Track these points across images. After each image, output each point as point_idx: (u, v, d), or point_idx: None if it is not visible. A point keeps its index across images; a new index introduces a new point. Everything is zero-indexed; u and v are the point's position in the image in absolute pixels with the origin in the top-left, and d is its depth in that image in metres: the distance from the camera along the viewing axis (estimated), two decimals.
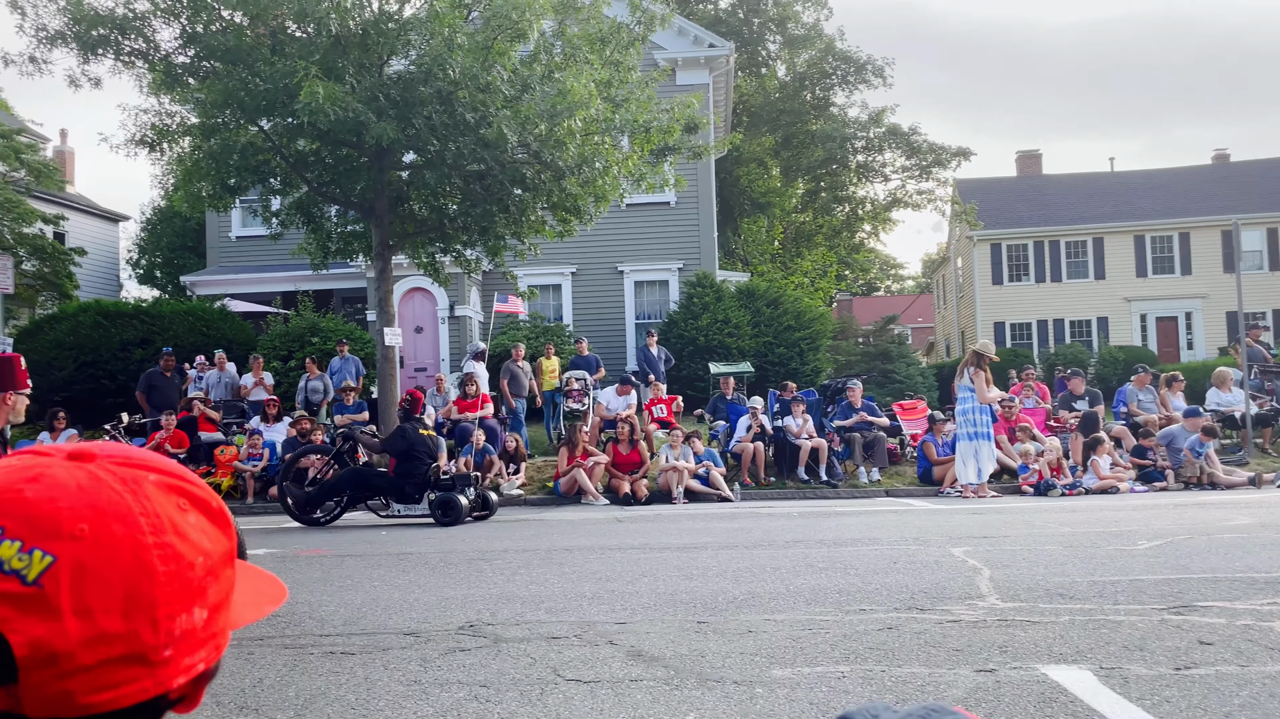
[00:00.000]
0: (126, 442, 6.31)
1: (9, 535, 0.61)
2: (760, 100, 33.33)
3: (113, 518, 0.63)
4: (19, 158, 21.97)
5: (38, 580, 0.60)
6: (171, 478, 0.69)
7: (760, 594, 6.07)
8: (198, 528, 0.68)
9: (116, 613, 0.61)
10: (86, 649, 0.60)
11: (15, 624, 0.59)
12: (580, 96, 11.89)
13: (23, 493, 0.63)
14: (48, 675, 0.59)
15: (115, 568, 0.62)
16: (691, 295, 20.47)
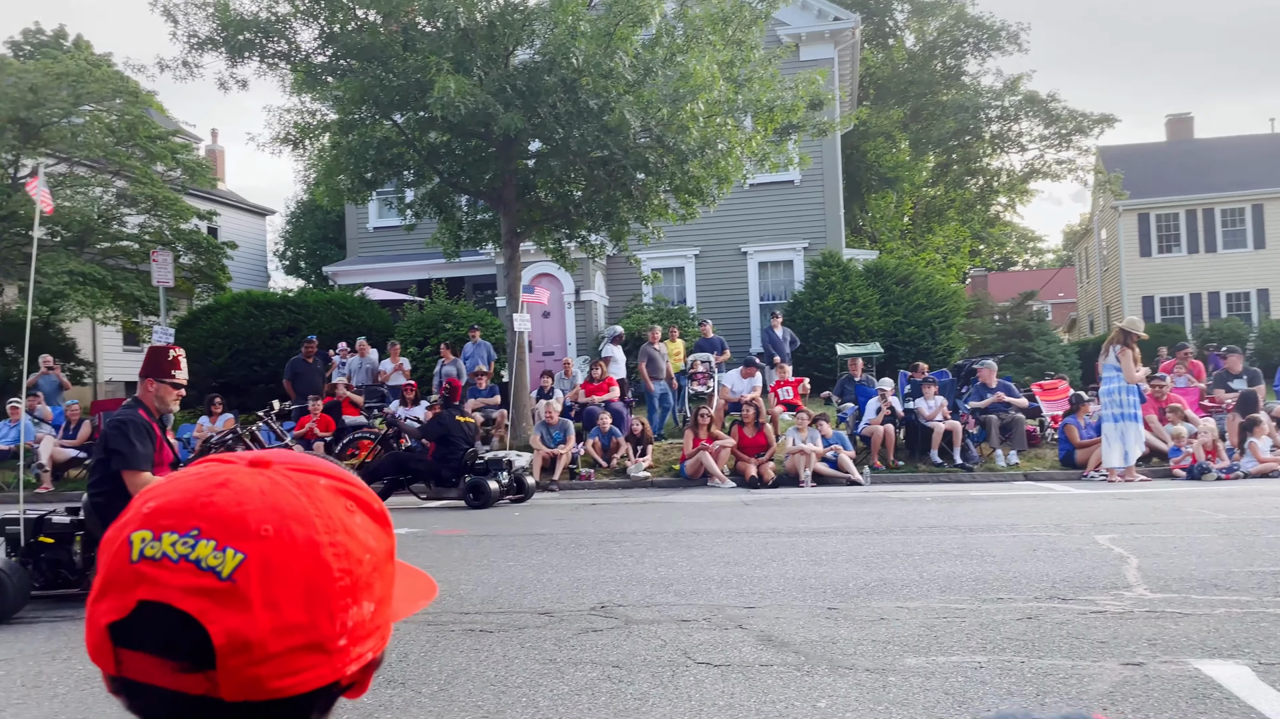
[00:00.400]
0: (279, 426, 6.71)
1: (204, 536, 0.67)
2: (888, 72, 32.44)
3: (292, 519, 0.69)
4: (175, 158, 23.36)
5: (231, 576, 0.66)
6: (339, 482, 0.75)
7: (892, 581, 5.97)
8: (363, 528, 0.74)
9: (299, 605, 0.67)
10: (274, 638, 0.66)
11: (213, 615, 0.65)
12: (703, 79, 11.84)
13: (214, 498, 0.69)
14: (241, 662, 0.65)
15: (296, 564, 0.68)
16: (817, 275, 20.16)
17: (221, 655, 0.65)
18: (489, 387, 15.50)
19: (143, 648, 0.67)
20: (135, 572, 0.67)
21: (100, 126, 21.63)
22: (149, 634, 0.67)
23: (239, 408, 16.82)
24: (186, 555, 0.66)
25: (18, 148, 21.08)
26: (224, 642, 0.65)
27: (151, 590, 0.66)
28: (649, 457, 13.24)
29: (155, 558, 0.67)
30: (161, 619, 0.66)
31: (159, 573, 0.66)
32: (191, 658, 0.66)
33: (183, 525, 0.68)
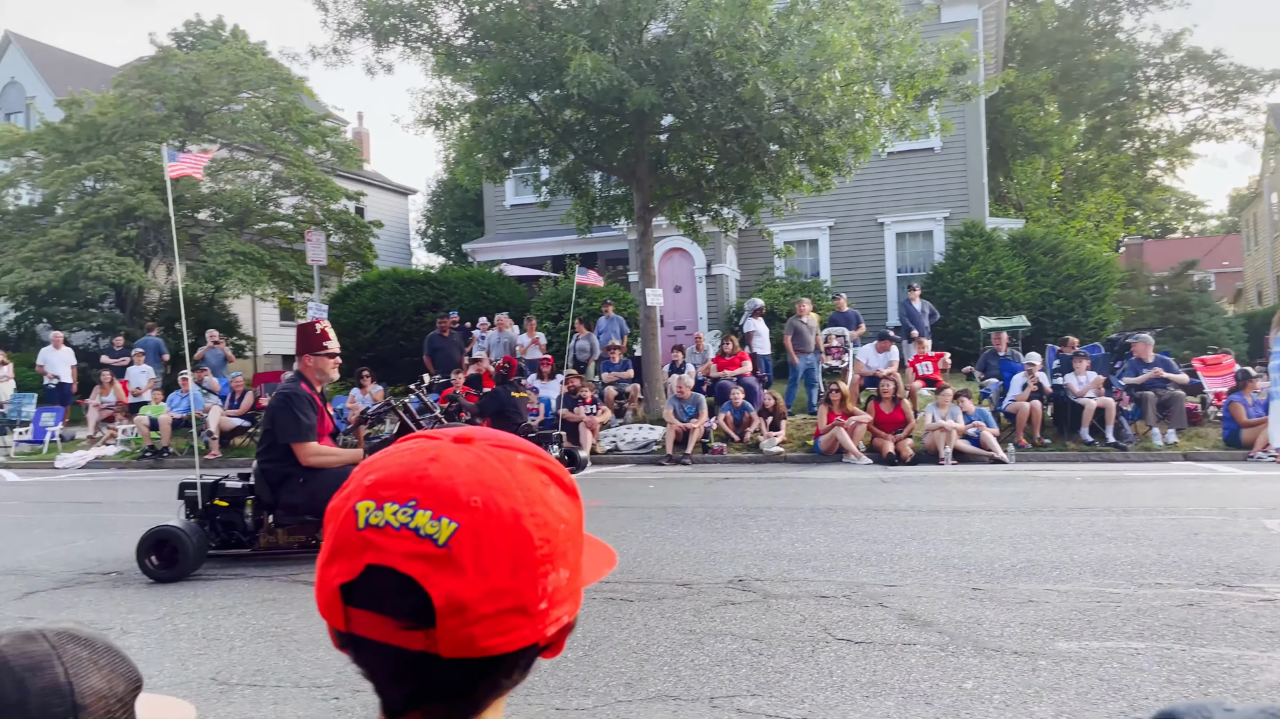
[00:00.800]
0: (428, 398, 6.98)
1: (421, 506, 0.73)
2: (1036, 31, 30.88)
3: (497, 491, 0.75)
4: (325, 141, 24.46)
5: (446, 543, 0.72)
6: (535, 458, 0.81)
7: (1040, 562, 5.78)
8: (557, 500, 0.79)
9: (506, 571, 0.73)
10: (486, 600, 0.72)
11: (432, 579, 0.71)
12: (840, 47, 11.54)
13: (428, 471, 0.75)
14: (457, 622, 0.72)
15: (503, 533, 0.73)
16: (959, 245, 19.46)
17: (440, 615, 0.71)
18: (622, 361, 15.68)
19: (369, 607, 0.73)
20: (362, 538, 0.74)
21: (257, 113, 22.84)
22: (375, 595, 0.73)
23: (386, 380, 17.57)
24: (406, 524, 0.72)
25: (184, 134, 22.48)
26: (442, 603, 0.71)
27: (377, 555, 0.72)
28: (782, 432, 13.14)
29: (379, 526, 0.73)
30: (386, 581, 0.72)
31: (383, 539, 0.73)
32: (413, 617, 0.72)
33: (402, 496, 0.74)
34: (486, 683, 0.76)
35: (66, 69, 30.23)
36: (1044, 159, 29.08)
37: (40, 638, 0.89)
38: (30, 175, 22.24)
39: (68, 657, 0.88)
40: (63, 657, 0.88)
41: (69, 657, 0.88)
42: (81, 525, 8.42)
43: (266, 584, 5.87)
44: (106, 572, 6.38)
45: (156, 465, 14.23)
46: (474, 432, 0.81)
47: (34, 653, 0.87)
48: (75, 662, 0.88)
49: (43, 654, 0.87)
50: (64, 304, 21.58)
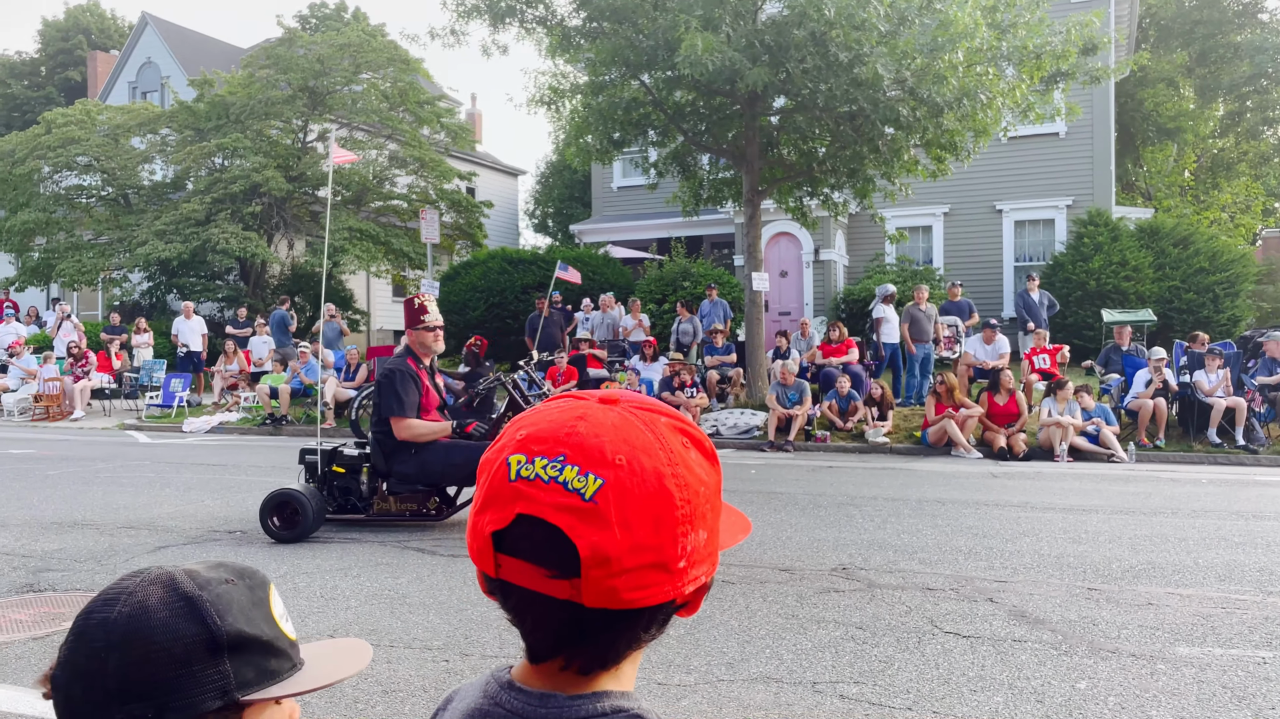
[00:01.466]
0: (537, 375, 7.08)
1: (569, 461, 0.76)
2: (1172, 11, 29.32)
3: (641, 451, 0.77)
4: (440, 122, 24.99)
5: (593, 498, 0.75)
6: (677, 421, 0.83)
7: (1161, 565, 5.53)
8: (697, 463, 0.81)
9: (648, 527, 0.76)
10: (629, 555, 0.75)
11: (579, 531, 0.75)
12: (964, 26, 11.16)
13: (576, 428, 0.79)
14: (601, 574, 0.75)
15: (645, 491, 0.76)
16: (1082, 234, 18.68)
17: (585, 566, 0.74)
18: (725, 345, 15.62)
19: (518, 554, 0.77)
20: (514, 489, 0.77)
21: (376, 93, 23.47)
22: (524, 543, 0.77)
23: (493, 358, 17.91)
24: (555, 477, 0.76)
25: (306, 114, 23.29)
26: (588, 554, 0.74)
27: (528, 506, 0.76)
28: (889, 422, 12.88)
29: (530, 478, 0.77)
30: (535, 531, 0.76)
31: (533, 491, 0.76)
32: (559, 566, 0.75)
33: (551, 451, 0.77)
34: (627, 634, 0.79)
35: (198, 50, 31.65)
36: (1176, 145, 27.65)
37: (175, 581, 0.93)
38: (164, 152, 23.41)
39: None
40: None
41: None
42: (208, 486, 8.87)
43: (380, 549, 6.08)
44: (231, 530, 6.70)
45: (275, 432, 14.86)
46: (619, 393, 0.83)
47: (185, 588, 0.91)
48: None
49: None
50: (192, 276, 22.67)
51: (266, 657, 0.93)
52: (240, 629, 0.90)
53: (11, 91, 33.50)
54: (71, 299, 27.03)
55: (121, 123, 23.23)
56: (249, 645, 0.91)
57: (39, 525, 6.80)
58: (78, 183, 23.66)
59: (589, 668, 0.80)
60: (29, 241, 22.94)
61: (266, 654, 0.93)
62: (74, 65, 34.85)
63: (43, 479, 9.21)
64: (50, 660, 0.89)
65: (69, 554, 5.88)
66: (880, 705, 3.41)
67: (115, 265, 22.00)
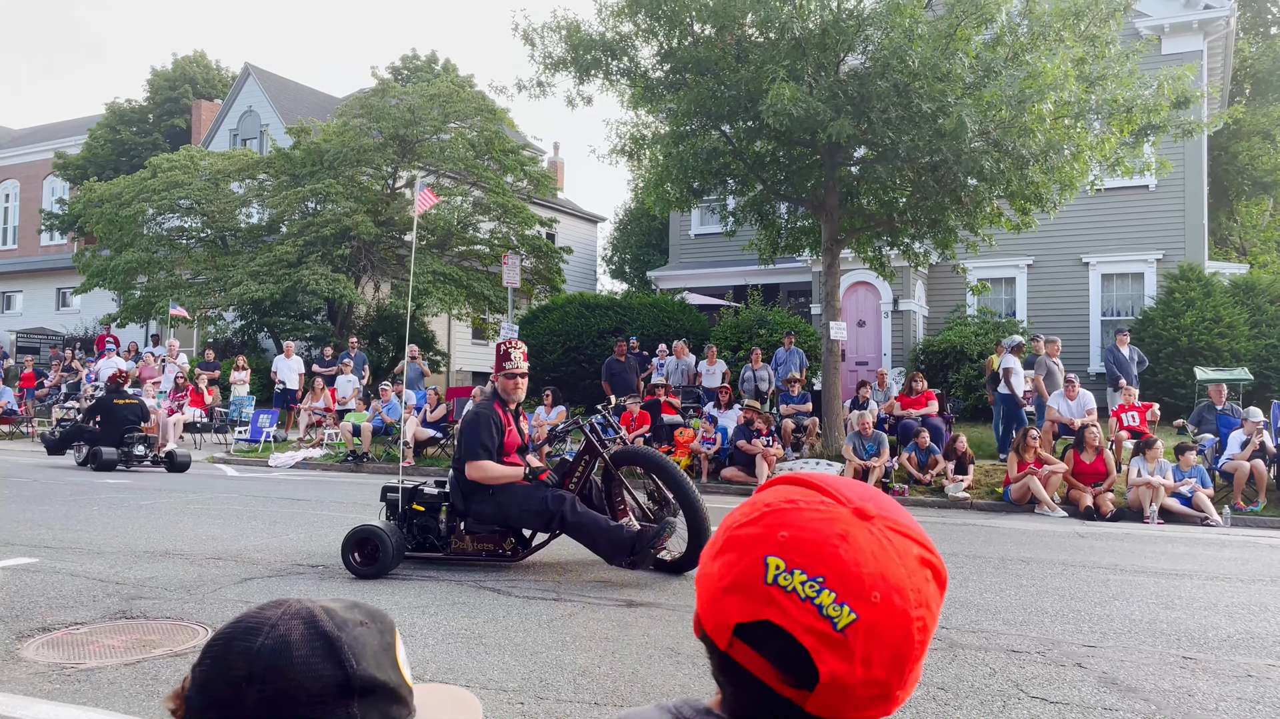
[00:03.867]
0: (614, 420, 7.08)
1: (827, 585, 0.81)
2: (1268, 64, 28.57)
3: (895, 591, 0.81)
4: (523, 170, 25.59)
5: (844, 630, 0.79)
6: (927, 552, 0.86)
7: (1261, 635, 5.28)
8: (933, 596, 0.85)
9: (885, 666, 0.80)
10: (863, 687, 0.80)
11: (824, 656, 0.79)
12: (1053, 78, 11.05)
13: (837, 550, 0.82)
14: (834, 698, 0.80)
15: (891, 633, 0.80)
16: (1172, 289, 18.15)
17: (822, 689, 0.79)
18: (801, 394, 15.50)
19: (756, 648, 0.82)
20: (768, 593, 0.82)
21: (463, 142, 24.16)
22: (767, 644, 0.82)
23: (568, 401, 18.07)
24: (812, 599, 0.80)
25: (396, 161, 24.07)
26: (828, 680, 0.79)
27: (780, 617, 0.81)
28: (969, 476, 12.59)
29: (786, 589, 0.81)
30: (781, 639, 0.81)
31: (788, 603, 0.81)
32: (795, 676, 0.81)
33: (812, 569, 0.81)
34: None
35: (296, 99, 33.01)
36: (1272, 200, 26.77)
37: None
38: (261, 196, 24.39)
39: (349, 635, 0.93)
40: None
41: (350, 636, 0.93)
42: (292, 520, 9.09)
43: (456, 588, 6.14)
44: (314, 564, 6.85)
45: (356, 469, 15.18)
46: (873, 506, 0.86)
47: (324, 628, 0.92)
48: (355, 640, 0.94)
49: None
50: (283, 315, 23.45)
51: (390, 703, 0.93)
52: (372, 674, 0.91)
53: (121, 137, 35.34)
54: (168, 336, 28.18)
55: (222, 168, 24.32)
56: (377, 691, 0.92)
57: (132, 554, 7.05)
58: (179, 224, 24.77)
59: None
60: (131, 280, 24.02)
61: (390, 700, 0.93)
62: (180, 113, 36.65)
63: (136, 509, 9.55)
64: (167, 684, 0.91)
65: (160, 583, 6.08)
66: None
67: (211, 304, 22.89)
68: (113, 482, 12.21)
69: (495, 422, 6.55)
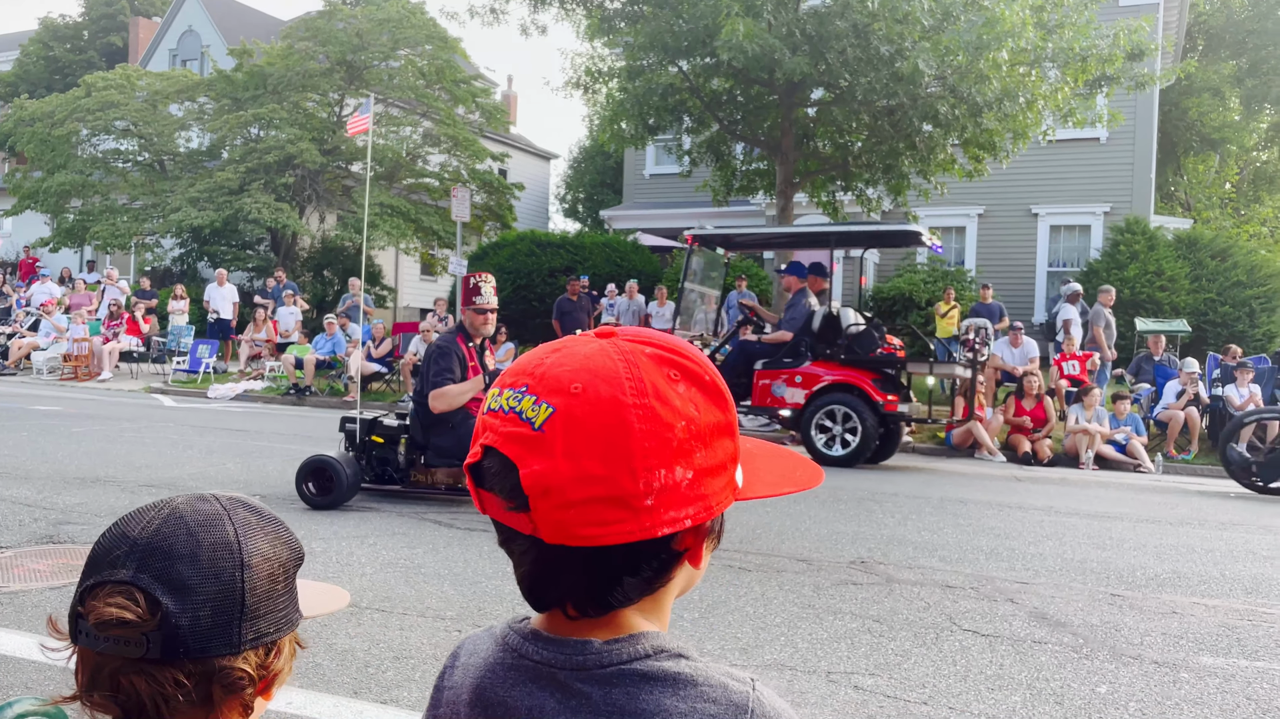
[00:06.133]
0: None
1: (530, 391, 0.75)
2: (1222, 20, 28.80)
3: (602, 379, 0.74)
4: (475, 102, 25.00)
5: (541, 426, 0.73)
6: (668, 352, 0.78)
7: (1187, 575, 5.44)
8: (684, 397, 0.76)
9: (597, 457, 0.72)
10: (573, 486, 0.72)
11: (524, 459, 0.73)
12: (1011, 25, 11.00)
13: (546, 359, 0.77)
14: (547, 505, 0.72)
15: (597, 420, 0.73)
16: (1118, 242, 18.42)
17: (530, 496, 0.72)
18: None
19: (487, 486, 0.76)
20: (483, 422, 0.77)
21: (413, 70, 23.49)
22: (490, 476, 0.76)
23: (517, 339, 17.91)
24: (514, 408, 0.75)
25: (343, 88, 23.36)
26: (530, 483, 0.72)
27: (490, 437, 0.76)
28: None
29: (495, 409, 0.77)
30: (495, 462, 0.75)
31: (495, 422, 0.76)
32: (513, 498, 0.74)
33: (517, 383, 0.76)
34: (605, 578, 0.75)
35: (239, 20, 31.81)
36: (1219, 156, 27.22)
37: (213, 500, 0.96)
38: (201, 120, 23.56)
39: (238, 518, 0.94)
40: (233, 517, 0.94)
41: (239, 518, 0.94)
42: (229, 450, 8.92)
43: (397, 519, 6.08)
44: (251, 493, 6.72)
45: (299, 403, 14.95)
46: (619, 328, 0.80)
47: (207, 511, 0.93)
48: (244, 523, 0.94)
49: (214, 513, 0.94)
50: (223, 244, 22.82)
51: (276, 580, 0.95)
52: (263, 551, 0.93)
53: (54, 54, 33.85)
54: (103, 262, 27.32)
55: (160, 89, 23.41)
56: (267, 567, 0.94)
57: (61, 479, 6.86)
58: (115, 147, 23.87)
59: (601, 610, 0.77)
60: (64, 203, 23.17)
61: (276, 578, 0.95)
62: (116, 30, 35.16)
63: (67, 435, 9.30)
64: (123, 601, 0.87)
65: (89, 509, 5.92)
66: (895, 699, 3.36)
67: (148, 231, 22.19)
68: (44, 409, 11.88)
69: (458, 354, 6.46)
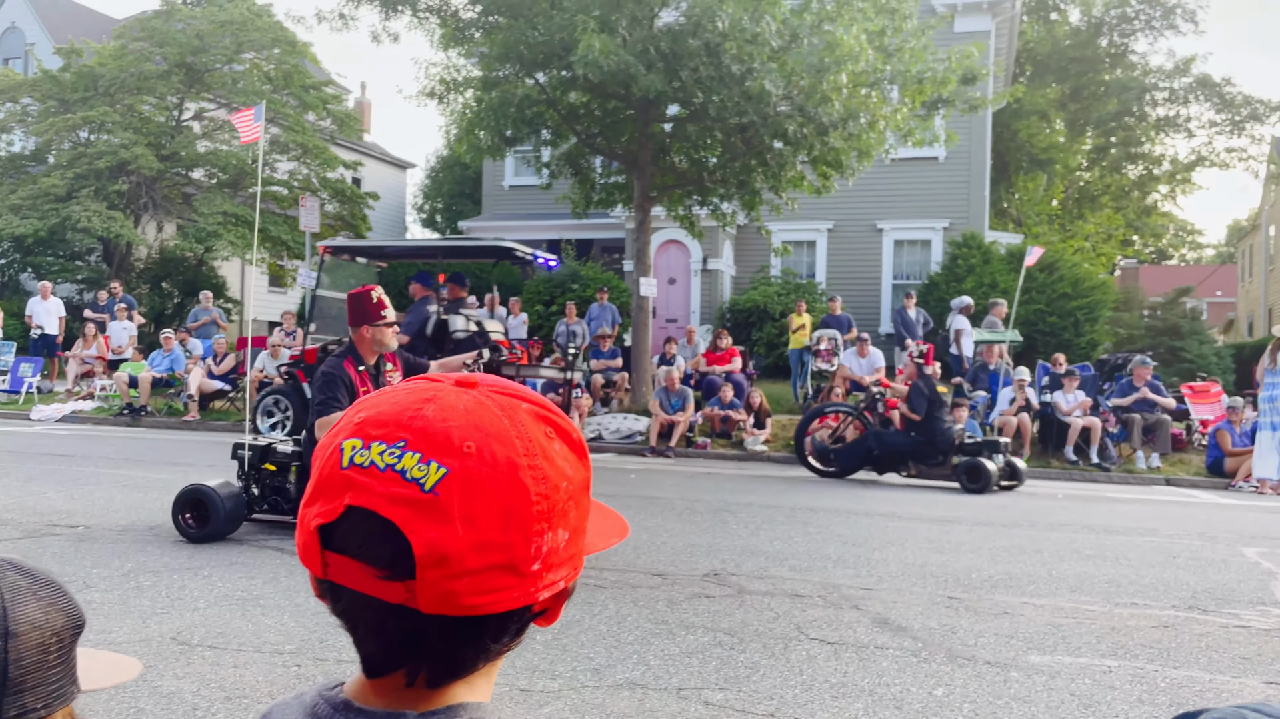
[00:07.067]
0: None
1: (410, 448, 0.67)
2: (1048, 48, 30.85)
3: (494, 438, 0.69)
4: (326, 108, 24.25)
5: (434, 489, 0.66)
6: (541, 408, 0.74)
7: (1018, 576, 5.73)
8: (561, 455, 0.72)
9: (497, 524, 0.67)
10: (472, 554, 0.66)
11: (415, 525, 0.66)
12: (849, 49, 11.44)
13: (421, 411, 0.69)
14: (439, 574, 0.66)
15: (496, 483, 0.67)
16: (956, 256, 19.42)
17: (421, 566, 0.65)
18: (611, 349, 15.60)
19: (347, 552, 0.68)
20: (345, 477, 0.68)
21: (259, 74, 22.62)
22: (354, 539, 0.68)
23: None
24: (393, 465, 0.67)
25: (183, 92, 22.26)
26: (424, 552, 0.65)
27: (359, 496, 0.67)
28: (767, 430, 13.09)
29: (364, 465, 0.68)
30: (366, 525, 0.67)
31: (367, 480, 0.67)
32: (392, 566, 0.66)
33: (391, 436, 0.68)
34: (472, 646, 0.71)
35: (67, 17, 29.89)
36: (1047, 176, 29.09)
37: None
38: (24, 122, 22.01)
39: (6, 582, 0.85)
40: (1, 581, 0.84)
41: (8, 582, 0.85)
42: (51, 477, 8.30)
43: (235, 548, 5.78)
44: (74, 524, 6.27)
45: (134, 424, 14.08)
46: (479, 376, 0.75)
47: None
48: (13, 588, 0.85)
49: None
50: (50, 255, 21.34)
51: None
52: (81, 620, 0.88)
53: None
54: None
55: None
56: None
57: None
58: None
59: (436, 681, 0.71)
60: None
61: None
62: None
63: None
64: None
65: None
66: (743, 712, 3.40)
67: None
68: None
69: (344, 380, 5.87)
